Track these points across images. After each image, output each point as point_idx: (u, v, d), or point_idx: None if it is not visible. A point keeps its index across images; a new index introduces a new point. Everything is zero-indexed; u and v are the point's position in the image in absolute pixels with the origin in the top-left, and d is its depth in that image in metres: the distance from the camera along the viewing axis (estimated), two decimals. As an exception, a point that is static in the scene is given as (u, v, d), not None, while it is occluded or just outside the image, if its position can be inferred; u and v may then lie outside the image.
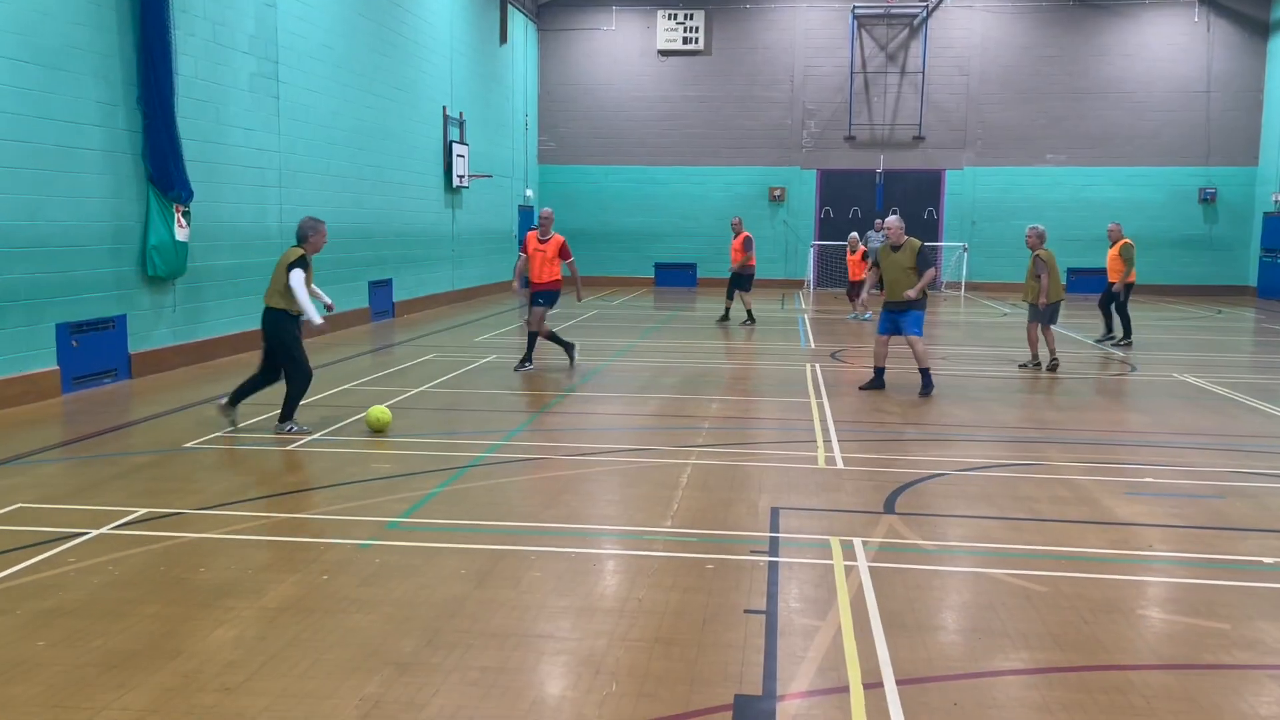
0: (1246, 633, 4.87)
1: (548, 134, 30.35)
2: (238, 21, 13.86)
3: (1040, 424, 10.04)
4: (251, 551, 5.89)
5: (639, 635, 4.78)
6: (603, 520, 6.67)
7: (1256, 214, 28.17)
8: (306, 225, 9.21)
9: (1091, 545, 6.22)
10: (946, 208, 29.13)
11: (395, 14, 19.46)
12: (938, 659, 4.56)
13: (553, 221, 13.06)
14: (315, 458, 8.21)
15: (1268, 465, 8.33)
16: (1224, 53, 28.05)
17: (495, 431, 9.35)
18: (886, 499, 7.09)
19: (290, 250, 9.14)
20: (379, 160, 18.81)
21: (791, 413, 10.36)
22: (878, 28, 29.10)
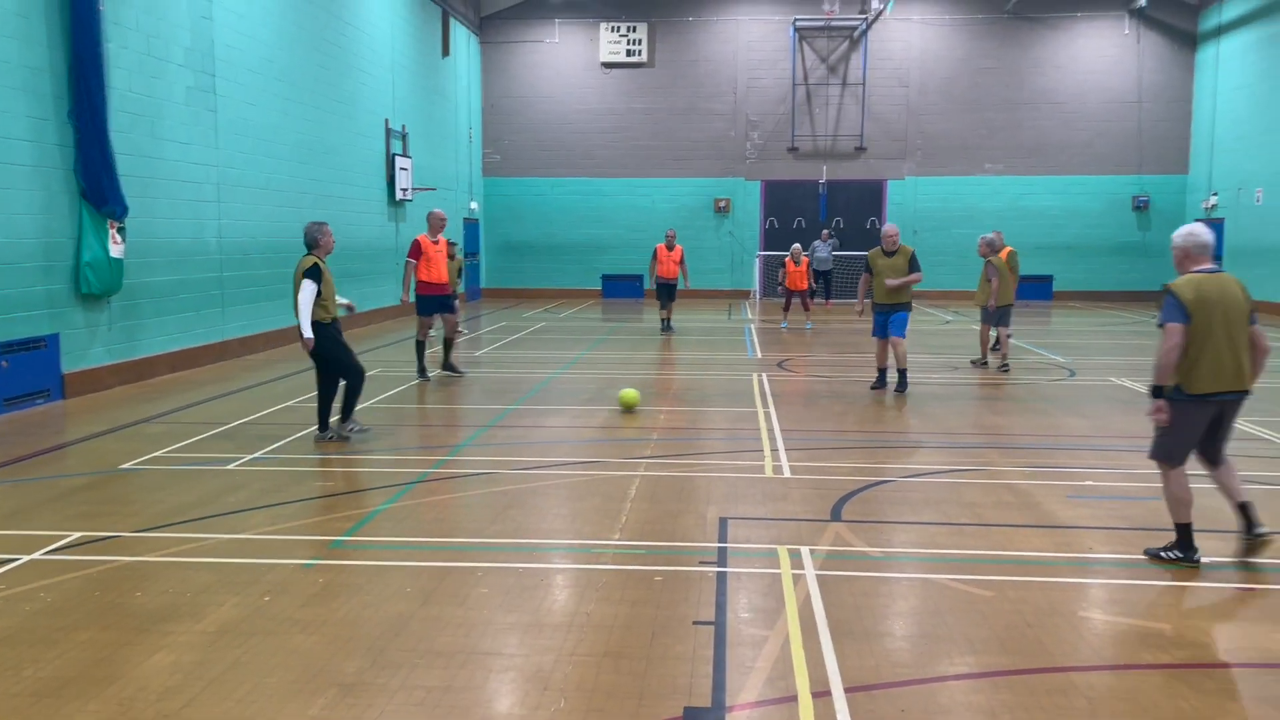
0: (1184, 632, 4.96)
1: (492, 146, 30.25)
2: (172, 34, 13.63)
3: (984, 429, 10.17)
4: (190, 574, 5.76)
5: (587, 650, 4.75)
6: (550, 534, 6.62)
7: (1188, 220, 28.79)
8: (313, 229, 9.24)
9: (1035, 549, 6.30)
10: (889, 217, 29.49)
11: (335, 27, 19.29)
12: (885, 666, 4.59)
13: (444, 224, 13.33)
14: (257, 477, 8.06)
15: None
16: (1154, 64, 28.77)
17: (441, 447, 9.27)
18: (833, 507, 7.13)
19: (304, 260, 9.11)
20: (320, 174, 18.60)
21: (739, 422, 10.39)
22: (818, 40, 29.44)
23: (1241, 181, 26.13)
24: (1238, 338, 5.84)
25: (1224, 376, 5.82)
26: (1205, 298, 5.80)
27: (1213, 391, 5.84)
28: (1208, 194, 27.70)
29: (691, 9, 29.38)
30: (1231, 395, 5.89)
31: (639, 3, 29.38)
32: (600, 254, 30.19)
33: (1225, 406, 5.96)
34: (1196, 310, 5.79)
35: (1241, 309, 5.86)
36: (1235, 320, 5.83)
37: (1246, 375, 5.89)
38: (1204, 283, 5.86)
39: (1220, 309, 5.80)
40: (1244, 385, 5.89)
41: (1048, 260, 29.34)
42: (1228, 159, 26.88)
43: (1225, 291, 5.85)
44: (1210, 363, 5.80)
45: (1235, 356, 5.83)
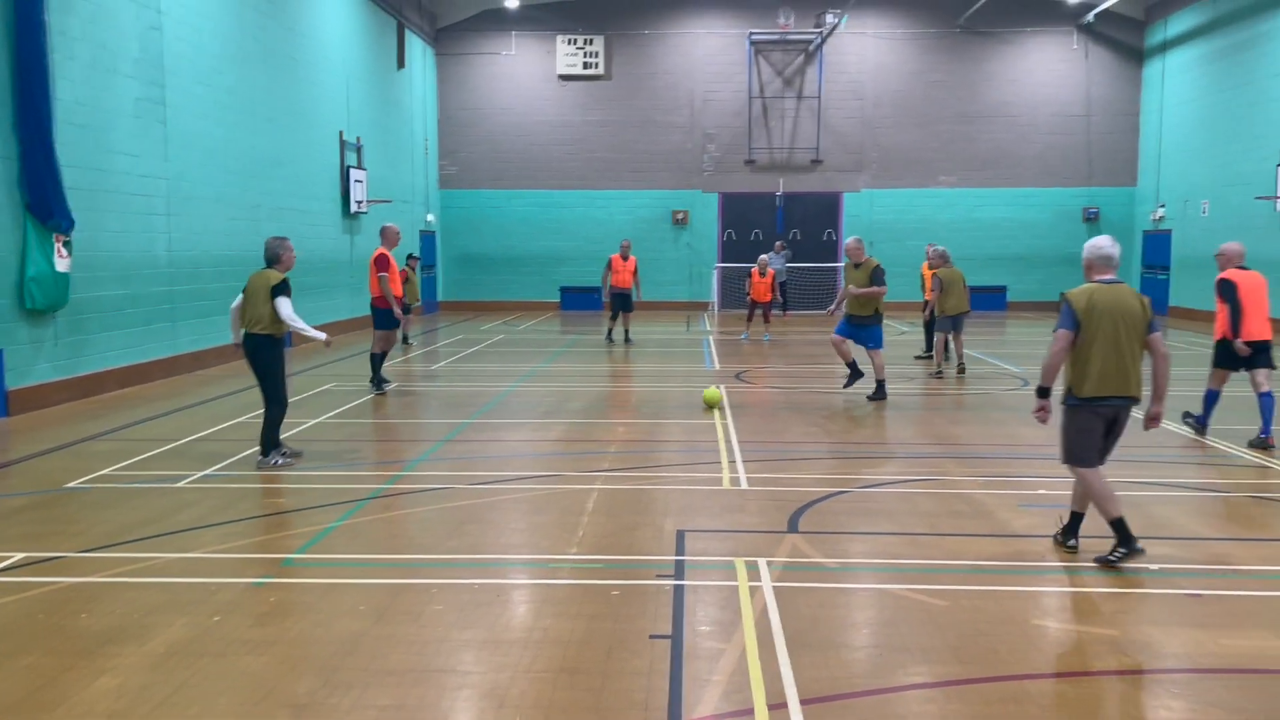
0: (1135, 638, 5.02)
1: (448, 158, 30.13)
2: (120, 45, 13.43)
3: (938, 439, 10.26)
4: (138, 594, 5.64)
5: (543, 666, 4.71)
6: (507, 549, 6.57)
7: (1137, 232, 29.42)
8: (276, 245, 9.02)
9: (988, 558, 6.35)
10: (845, 229, 29.73)
11: (288, 38, 19.12)
12: (841, 677, 4.59)
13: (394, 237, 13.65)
14: (207, 494, 7.92)
15: (1152, 474, 8.65)
16: (1102, 78, 29.31)
17: (396, 462, 9.18)
18: (790, 518, 7.14)
19: (268, 274, 8.89)
20: (273, 186, 18.41)
21: (697, 434, 10.40)
22: (774, 53, 29.66)
23: (1188, 193, 26.67)
24: (1127, 346, 6.06)
25: (1109, 382, 6.05)
26: (1095, 306, 6.07)
27: (1098, 396, 6.08)
28: (1155, 206, 28.23)
29: (648, 22, 29.48)
30: (1119, 400, 6.10)
31: (595, 15, 29.44)
32: (558, 266, 30.14)
33: (1118, 412, 6.17)
34: (1086, 318, 6.06)
35: (1136, 318, 6.08)
36: (1127, 329, 6.06)
37: (1134, 383, 6.08)
38: (1097, 292, 6.14)
39: (1110, 318, 6.05)
40: (1129, 392, 6.09)
41: (1001, 271, 29.73)
42: (1174, 171, 27.42)
43: (1119, 301, 6.10)
44: (1097, 368, 6.04)
45: (1122, 364, 6.05)
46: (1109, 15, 28.51)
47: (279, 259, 9.00)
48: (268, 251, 9.01)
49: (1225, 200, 24.85)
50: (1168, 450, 9.68)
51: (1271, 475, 8.58)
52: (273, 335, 8.80)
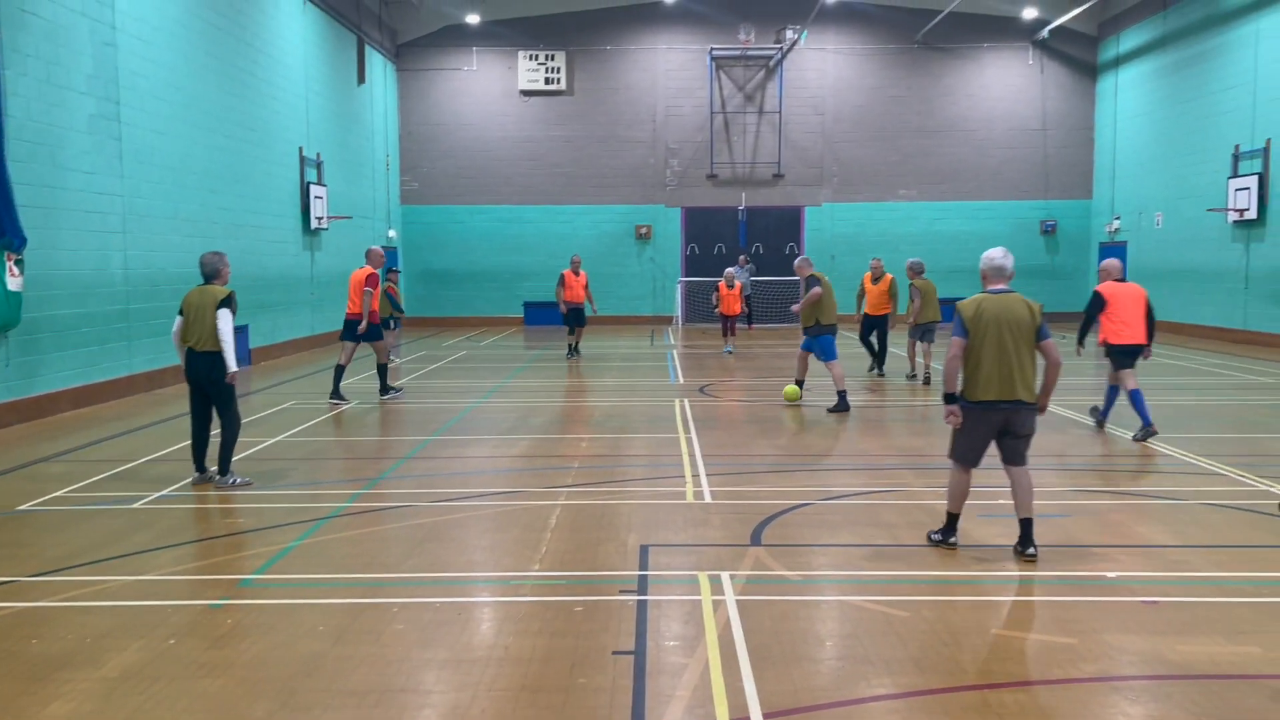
0: (1093, 646, 5.07)
1: (410, 174, 30.02)
2: (74, 61, 13.27)
3: (899, 450, 10.32)
4: (90, 618, 5.54)
5: (505, 684, 4.67)
6: (469, 567, 6.53)
7: (1093, 244, 29.88)
8: (215, 260, 8.84)
9: (949, 568, 6.39)
10: (807, 242, 29.95)
11: (246, 53, 18.98)
12: (804, 690, 4.59)
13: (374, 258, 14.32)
14: (163, 515, 7.80)
15: (1109, 483, 8.76)
16: (1057, 93, 29.78)
17: (357, 480, 9.09)
18: (753, 531, 7.15)
19: (214, 289, 8.70)
20: (232, 203, 18.23)
21: (661, 449, 10.39)
22: (735, 69, 29.86)
23: (1142, 205, 27.13)
24: (1014, 352, 6.39)
25: (993, 386, 6.39)
26: (982, 315, 6.46)
27: (987, 399, 6.42)
28: (1110, 218, 28.68)
29: (609, 38, 29.59)
30: (1007, 404, 6.41)
31: (557, 31, 29.50)
32: (522, 281, 30.07)
33: (1008, 414, 6.45)
34: (973, 326, 6.45)
35: (1024, 325, 6.43)
36: (1015, 336, 6.40)
37: (1020, 386, 6.39)
38: (985, 301, 6.53)
39: (997, 325, 6.41)
40: (1016, 395, 6.39)
41: (960, 284, 29.90)
42: (1129, 184, 27.88)
43: (1007, 310, 6.47)
44: (985, 373, 6.41)
45: (1008, 368, 6.38)
46: (1063, 31, 28.99)
47: (218, 273, 8.83)
48: (206, 267, 8.83)
49: (1178, 212, 25.31)
50: (1124, 459, 9.81)
51: (1226, 482, 8.71)
52: (220, 352, 8.58)
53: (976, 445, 6.61)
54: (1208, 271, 24.02)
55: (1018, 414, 6.46)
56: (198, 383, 8.70)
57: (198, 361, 8.62)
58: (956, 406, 6.56)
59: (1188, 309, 24.85)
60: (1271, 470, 9.11)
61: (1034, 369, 6.52)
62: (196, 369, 8.65)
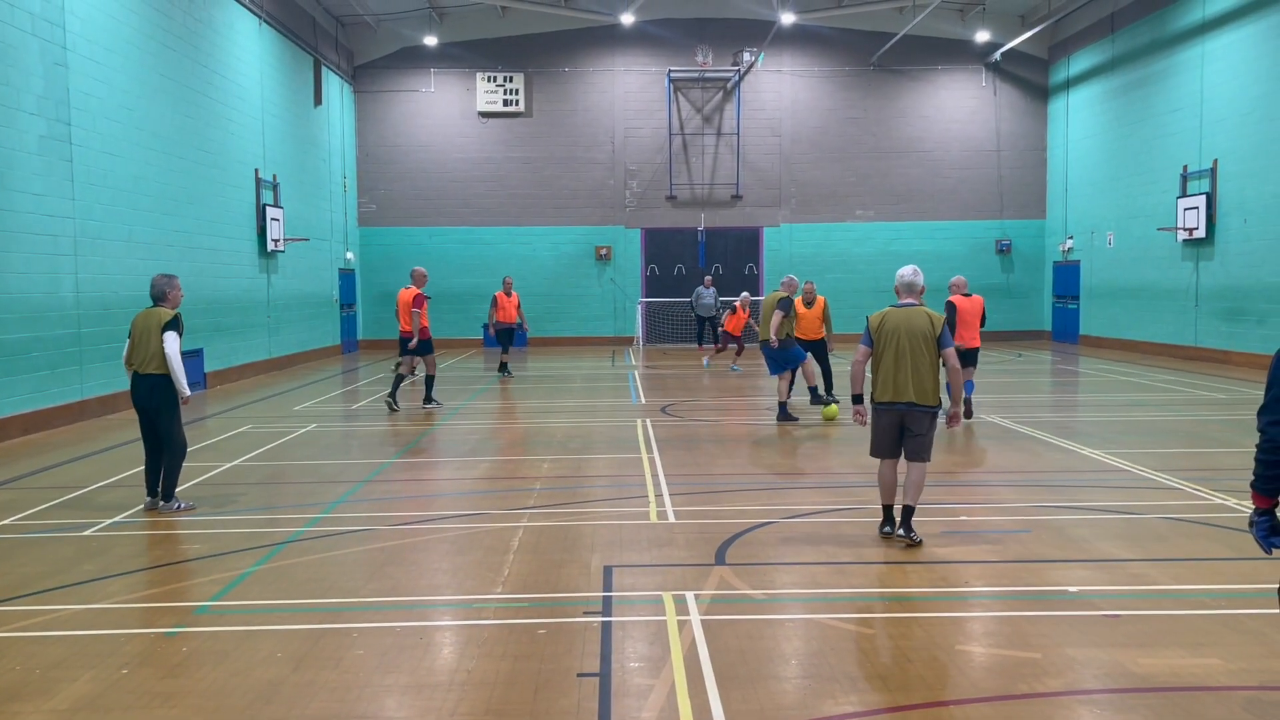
0: (1056, 660, 5.09)
1: (368, 196, 29.83)
2: (23, 81, 13.06)
3: (861, 468, 10.34)
4: (40, 649, 5.39)
5: (468, 709, 4.60)
6: (430, 591, 6.44)
7: (1047, 263, 30.32)
8: (163, 283, 8.76)
9: (913, 585, 6.40)
10: (766, 263, 30.12)
11: (201, 75, 18.80)
12: (770, 709, 4.56)
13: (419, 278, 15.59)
14: (117, 542, 7.63)
15: (1068, 499, 8.83)
16: (1010, 115, 30.25)
17: (315, 504, 8.95)
18: (717, 550, 7.13)
19: (160, 311, 8.60)
20: (186, 225, 18.00)
21: (624, 469, 10.35)
22: (693, 91, 30.04)
23: (1094, 225, 27.58)
24: (910, 359, 7.15)
25: (889, 388, 7.20)
26: (886, 326, 7.28)
27: (885, 400, 7.23)
28: (1064, 237, 29.13)
29: (567, 60, 29.66)
30: (902, 405, 7.18)
31: (515, 53, 29.52)
32: (481, 303, 29.76)
33: (904, 415, 7.21)
34: (877, 336, 7.30)
35: (925, 336, 7.17)
36: (914, 346, 7.16)
37: (912, 389, 7.12)
38: (891, 314, 7.34)
39: (897, 336, 7.20)
40: (909, 397, 7.13)
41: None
42: (1081, 204, 28.36)
43: (910, 322, 7.23)
44: (884, 377, 7.23)
45: (905, 374, 7.14)
46: (1015, 54, 29.49)
47: (165, 296, 8.73)
48: (155, 289, 8.75)
49: (1129, 231, 25.76)
50: (1082, 475, 9.91)
51: (1182, 497, 8.82)
52: (168, 375, 8.47)
53: (884, 439, 7.34)
54: (1159, 289, 24.45)
55: (911, 414, 7.18)
56: (142, 406, 8.57)
57: (141, 385, 8.51)
58: (862, 406, 7.50)
59: (1139, 326, 25.26)
60: (1225, 483, 9.24)
61: (933, 375, 7.19)
62: (140, 392, 8.52)
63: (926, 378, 7.15)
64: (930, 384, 7.16)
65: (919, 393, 7.13)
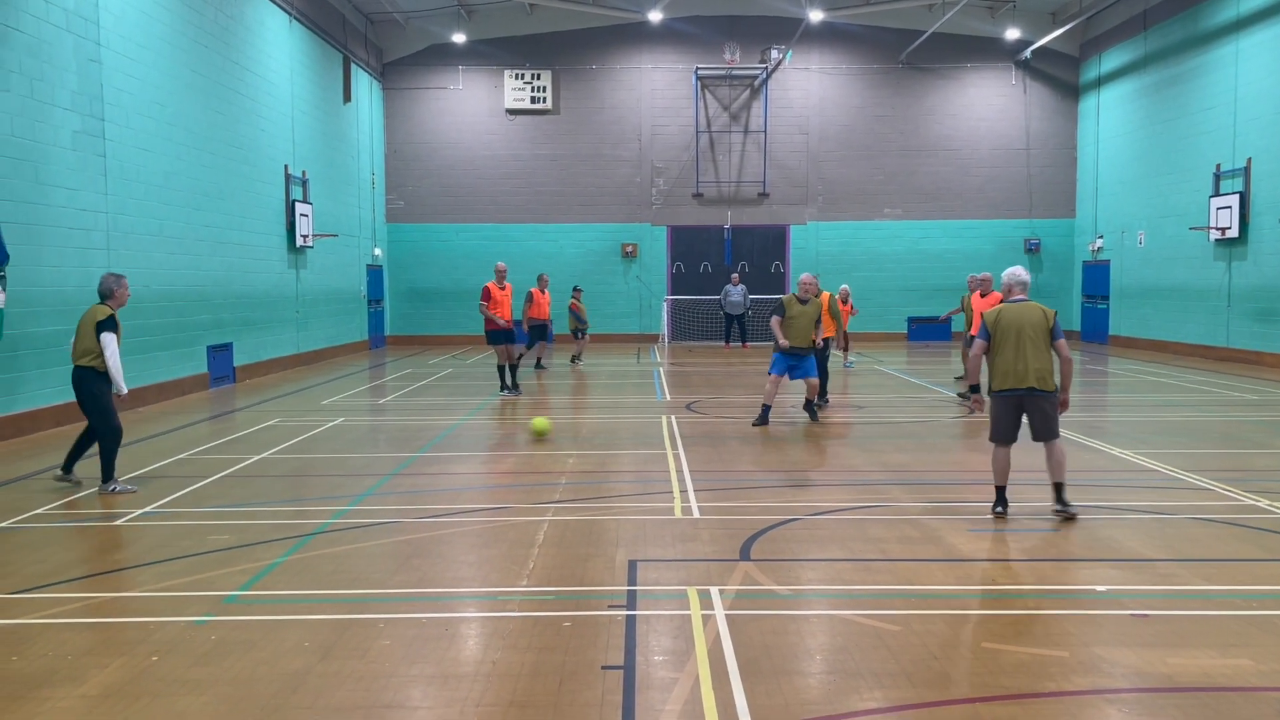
0: (1084, 659, 5.04)
1: (395, 192, 29.98)
2: (58, 77, 13.22)
3: (886, 467, 10.30)
4: (71, 636, 5.46)
5: (493, 700, 4.62)
6: (456, 583, 6.47)
7: (1076, 263, 30.06)
8: (110, 281, 9.18)
9: (939, 582, 6.37)
10: (792, 261, 30.03)
11: (232, 71, 18.95)
12: (794, 704, 4.55)
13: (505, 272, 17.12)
14: (146, 532, 7.72)
15: (1097, 498, 8.75)
16: (1040, 113, 30.01)
17: (342, 497, 9.01)
18: (742, 546, 7.12)
19: (98, 308, 9.04)
20: (217, 220, 18.16)
21: (648, 465, 10.35)
22: (720, 88, 29.99)
23: (1125, 224, 27.32)
24: (1029, 350, 7.71)
25: (1009, 377, 7.78)
26: (1002, 320, 7.85)
27: (1006, 388, 7.81)
28: (1094, 237, 28.86)
29: (595, 57, 29.68)
30: (1021, 391, 7.75)
31: (542, 51, 29.58)
32: (507, 300, 29.96)
33: (1023, 400, 7.78)
34: (994, 330, 7.87)
35: (1037, 329, 7.75)
36: (1031, 337, 7.73)
37: (1032, 376, 7.70)
38: (1006, 309, 7.92)
39: (1013, 329, 7.78)
40: (1027, 384, 7.72)
41: (946, 302, 30.10)
42: (1111, 203, 28.09)
43: (1024, 316, 7.82)
44: (1003, 367, 7.80)
45: (1024, 364, 7.72)
46: (1045, 52, 29.24)
47: (112, 294, 9.11)
48: (102, 285, 9.13)
49: (1160, 231, 25.49)
50: (1111, 474, 9.82)
51: (1213, 497, 8.73)
52: (95, 368, 8.94)
53: (1002, 426, 7.89)
54: (1190, 290, 24.18)
55: (1030, 399, 7.76)
56: (77, 395, 9.07)
57: (73, 376, 9.05)
58: (979, 396, 8.16)
59: (1170, 327, 24.99)
60: (1257, 485, 9.13)
61: (1049, 362, 7.76)
62: (75, 381, 9.05)
63: (1044, 365, 7.72)
64: (1047, 370, 7.74)
65: (1038, 379, 7.70)
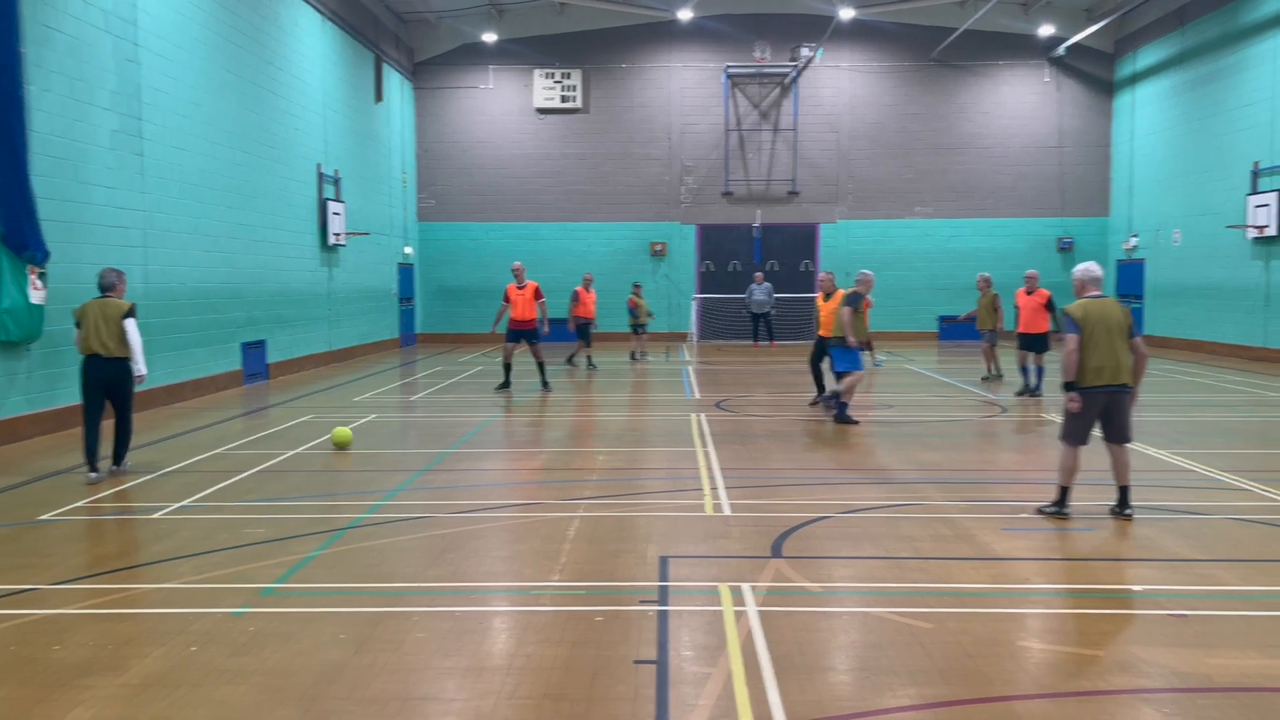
0: (1120, 658, 5.00)
1: (426, 191, 30.14)
2: (98, 77, 13.40)
3: (919, 465, 10.25)
4: (112, 626, 5.54)
5: (527, 692, 4.64)
6: (488, 577, 6.51)
7: (1110, 262, 29.73)
8: (112, 275, 9.77)
9: (972, 581, 6.33)
10: (821, 259, 29.91)
11: (266, 71, 19.13)
12: (828, 700, 4.55)
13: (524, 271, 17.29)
14: (184, 525, 7.81)
15: (1133, 497, 8.65)
16: (1073, 110, 29.72)
17: (376, 492, 9.08)
18: (773, 543, 7.11)
19: (118, 302, 9.65)
20: (251, 219, 18.33)
21: (678, 462, 10.36)
22: (750, 86, 29.93)
23: (1160, 223, 27.00)
24: (1117, 345, 7.64)
25: (1103, 374, 7.62)
26: (1090, 315, 7.71)
27: (1100, 384, 7.63)
28: (1128, 235, 28.55)
29: (625, 56, 29.70)
30: (1115, 387, 7.65)
31: (572, 50, 29.63)
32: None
33: (1110, 397, 7.68)
34: (1084, 325, 7.68)
35: (1121, 324, 7.71)
36: (1115, 332, 7.66)
37: (1123, 372, 7.64)
38: (1090, 305, 7.81)
39: (1102, 324, 7.67)
40: (1120, 380, 7.64)
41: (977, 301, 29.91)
42: (1146, 201, 27.77)
43: (1106, 311, 7.76)
44: (1096, 364, 7.63)
45: (1115, 359, 7.62)
46: (1079, 49, 28.97)
47: (114, 287, 9.71)
48: (104, 279, 9.69)
49: (1197, 229, 25.18)
50: (1147, 474, 9.72)
51: (1251, 497, 8.62)
52: (128, 359, 9.57)
53: (1086, 425, 7.78)
54: (1227, 289, 23.87)
55: (1119, 396, 7.70)
56: (103, 386, 9.54)
57: (106, 367, 9.48)
58: (1075, 393, 7.74)
59: (1206, 326, 24.68)
60: (1296, 485, 9.01)
61: (1129, 360, 7.71)
62: (105, 374, 9.49)
63: (1128, 362, 7.70)
64: (1129, 367, 7.70)
65: (1127, 375, 7.69)
